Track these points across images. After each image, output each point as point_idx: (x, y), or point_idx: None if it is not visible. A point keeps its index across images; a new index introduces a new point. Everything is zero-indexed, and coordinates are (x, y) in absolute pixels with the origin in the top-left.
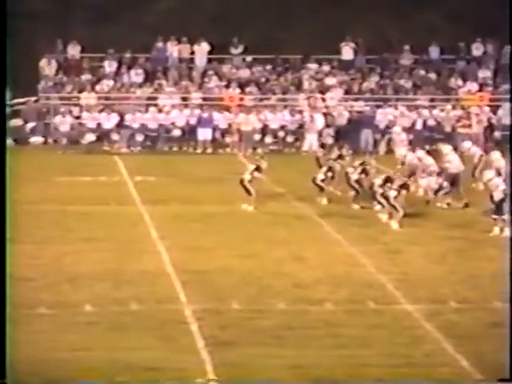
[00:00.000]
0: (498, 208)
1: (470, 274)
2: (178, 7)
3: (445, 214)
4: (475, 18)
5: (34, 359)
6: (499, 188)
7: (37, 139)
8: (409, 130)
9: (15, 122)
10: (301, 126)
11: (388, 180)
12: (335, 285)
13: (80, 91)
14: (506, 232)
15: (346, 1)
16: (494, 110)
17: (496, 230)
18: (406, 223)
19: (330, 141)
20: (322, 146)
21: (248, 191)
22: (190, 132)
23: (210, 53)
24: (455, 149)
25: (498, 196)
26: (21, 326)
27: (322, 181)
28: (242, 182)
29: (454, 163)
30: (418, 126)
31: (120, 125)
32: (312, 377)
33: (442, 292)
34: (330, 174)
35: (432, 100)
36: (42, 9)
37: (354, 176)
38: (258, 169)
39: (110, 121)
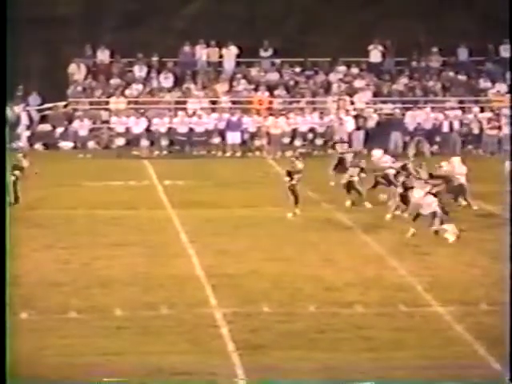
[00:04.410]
0: None
1: (501, 276)
2: (206, 11)
3: (475, 216)
4: (503, 19)
5: (64, 363)
6: None
7: (66, 144)
8: (435, 132)
9: (44, 127)
10: (330, 129)
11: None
12: (366, 287)
13: (109, 96)
14: None
15: (374, 3)
16: None
17: None
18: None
19: (360, 143)
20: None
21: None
22: (219, 136)
23: (238, 56)
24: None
25: None
26: (52, 330)
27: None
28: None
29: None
30: (445, 128)
31: (149, 129)
32: (343, 380)
33: (472, 294)
34: (363, 175)
35: (461, 102)
36: (71, 14)
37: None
38: (289, 173)
39: (138, 125)
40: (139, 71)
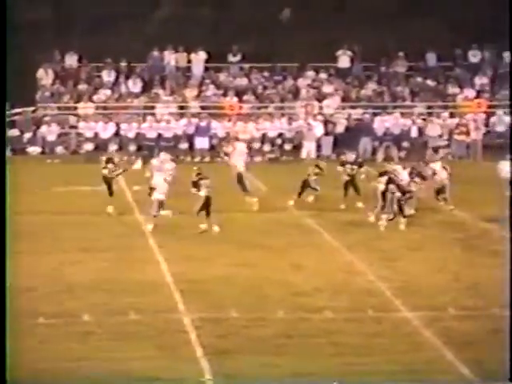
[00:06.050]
0: None
1: (469, 280)
2: (174, 16)
3: (445, 221)
4: (472, 25)
5: (33, 369)
6: None
7: (34, 149)
8: (404, 137)
9: (12, 133)
10: (298, 134)
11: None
12: (334, 293)
13: (77, 101)
14: None
15: (342, 9)
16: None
17: None
18: (406, 229)
19: (328, 149)
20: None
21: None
22: (187, 141)
23: (207, 61)
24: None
25: None
26: (21, 336)
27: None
28: None
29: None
30: (413, 133)
31: (117, 134)
32: None
33: (441, 299)
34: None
35: (429, 107)
36: (39, 19)
37: (381, 186)
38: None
39: (107, 130)
40: (107, 76)
